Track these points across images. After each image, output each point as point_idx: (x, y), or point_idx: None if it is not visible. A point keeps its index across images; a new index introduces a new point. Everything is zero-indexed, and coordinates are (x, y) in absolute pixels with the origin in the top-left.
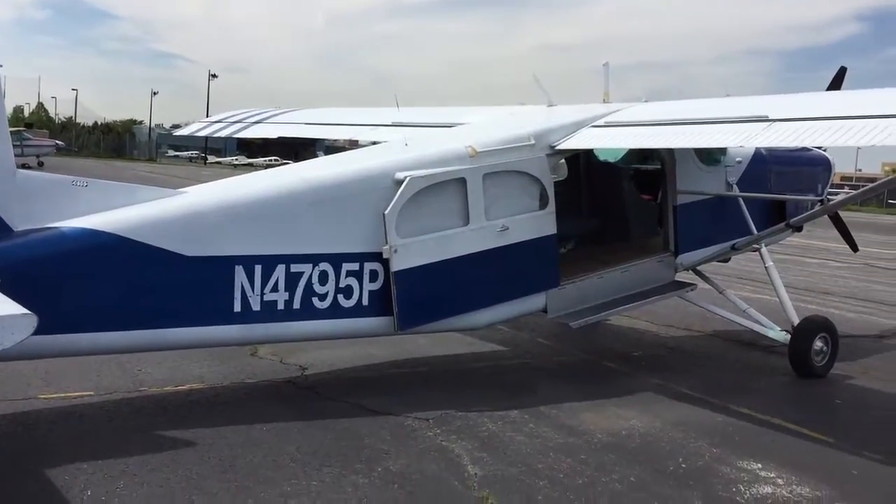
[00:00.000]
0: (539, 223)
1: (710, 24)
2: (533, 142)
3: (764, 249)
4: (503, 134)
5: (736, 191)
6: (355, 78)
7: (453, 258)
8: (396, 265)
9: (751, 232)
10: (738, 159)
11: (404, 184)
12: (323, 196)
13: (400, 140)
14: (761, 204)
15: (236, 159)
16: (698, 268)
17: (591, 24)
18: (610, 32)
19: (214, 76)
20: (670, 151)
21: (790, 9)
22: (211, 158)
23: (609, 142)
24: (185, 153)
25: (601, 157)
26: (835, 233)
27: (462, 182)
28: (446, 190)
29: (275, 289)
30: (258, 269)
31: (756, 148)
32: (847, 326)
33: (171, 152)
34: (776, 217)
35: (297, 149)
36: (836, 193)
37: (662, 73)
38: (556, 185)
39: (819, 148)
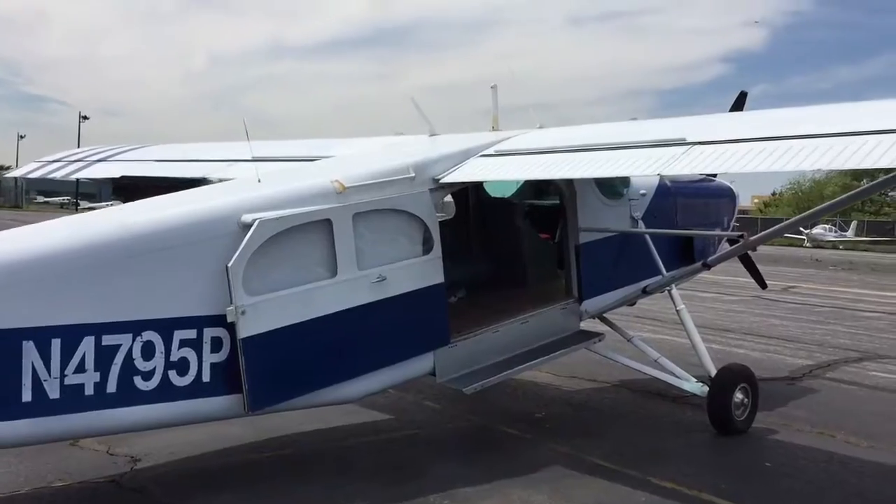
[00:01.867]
0: (423, 271)
1: (590, 66)
2: (413, 174)
3: (675, 291)
4: (377, 166)
5: (642, 226)
6: (239, 119)
7: (318, 318)
8: (245, 330)
9: (659, 272)
10: (641, 191)
11: (253, 228)
12: (147, 246)
13: (252, 176)
14: (668, 241)
15: (66, 199)
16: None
17: (477, 64)
18: (495, 72)
19: (85, 118)
20: (570, 184)
21: (663, 52)
22: (84, 203)
23: (500, 173)
24: (56, 199)
25: (492, 192)
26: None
27: (327, 224)
28: (307, 234)
29: (80, 369)
30: (56, 343)
31: (659, 178)
32: (756, 368)
33: (41, 198)
34: (684, 254)
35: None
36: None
37: (545, 114)
38: (443, 225)
39: (713, 176)
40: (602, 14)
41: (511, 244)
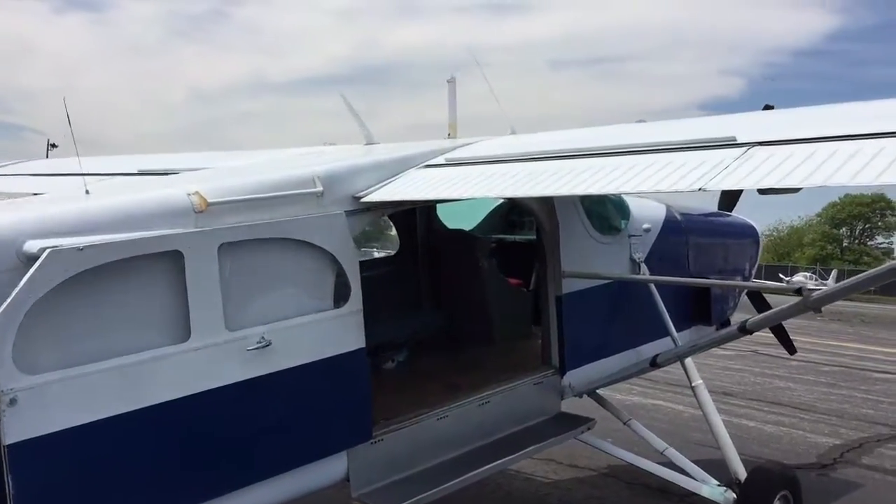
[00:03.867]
0: (332, 331)
1: (569, 107)
2: (320, 189)
3: (689, 360)
4: (265, 176)
5: (645, 272)
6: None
7: (152, 408)
8: (14, 431)
9: (669, 334)
10: (645, 226)
11: (40, 261)
12: None
13: (77, 186)
14: (676, 294)
15: None
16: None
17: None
18: (479, 112)
19: (54, 146)
20: (551, 212)
21: (642, 96)
22: None
23: (449, 189)
24: None
25: (448, 223)
26: None
27: (174, 258)
28: (139, 274)
29: None
30: None
31: (667, 211)
32: (775, 450)
33: None
34: (697, 312)
35: None
36: None
37: None
38: (380, 264)
39: (728, 211)
40: (584, 59)
41: (471, 291)
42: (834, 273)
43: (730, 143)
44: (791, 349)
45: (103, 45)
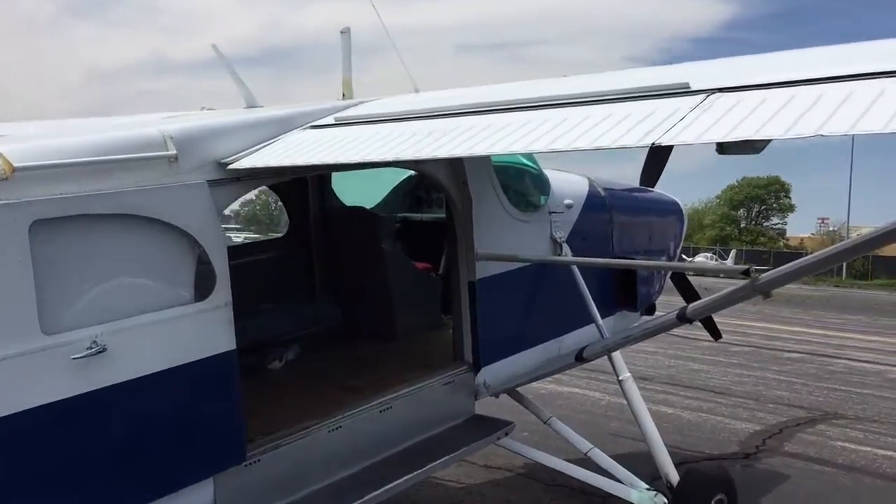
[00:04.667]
0: (192, 331)
1: None
2: (173, 152)
3: (617, 353)
4: (98, 136)
5: (567, 253)
6: None
7: None
8: None
9: (591, 321)
10: (566, 202)
11: None
12: None
13: None
14: (598, 277)
15: None
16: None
17: (365, 88)
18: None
19: None
20: (462, 185)
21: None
22: None
23: (335, 152)
24: None
25: (345, 199)
26: None
27: None
28: None
29: None
30: None
31: (589, 185)
32: (697, 439)
33: None
34: (620, 296)
35: None
36: None
37: None
38: (266, 246)
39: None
40: (491, 44)
41: (372, 278)
42: (733, 253)
43: (683, 91)
44: (717, 334)
45: None
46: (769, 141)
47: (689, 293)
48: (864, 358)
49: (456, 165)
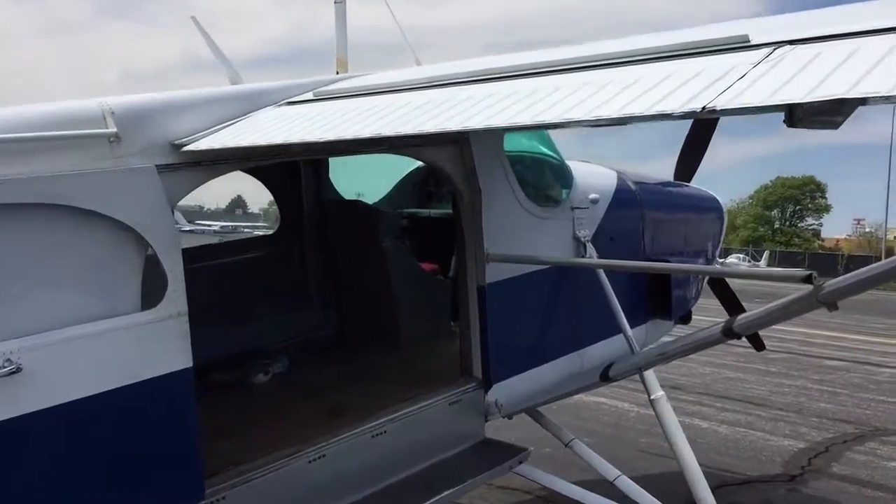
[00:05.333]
0: (137, 346)
1: None
2: (112, 130)
3: (649, 371)
4: (20, 111)
5: (592, 254)
6: None
7: None
8: None
9: (619, 331)
10: (592, 196)
11: None
12: None
13: None
14: (630, 280)
15: None
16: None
17: None
18: None
19: None
20: (471, 175)
21: None
22: None
23: (310, 129)
24: None
25: (345, 192)
26: None
27: None
28: None
29: None
30: None
31: (618, 177)
32: (736, 458)
33: None
34: (653, 302)
35: None
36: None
37: None
38: (258, 244)
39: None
40: (520, 42)
41: (373, 280)
42: (766, 254)
43: (742, 45)
44: (760, 346)
45: (27, 23)
46: (855, 108)
47: (731, 302)
48: None
49: (463, 152)
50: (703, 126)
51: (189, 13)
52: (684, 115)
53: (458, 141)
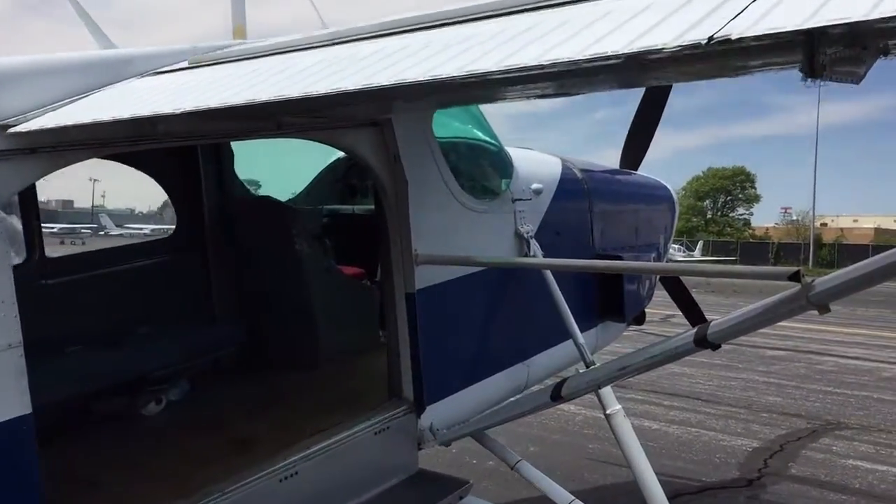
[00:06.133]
0: None
1: None
2: None
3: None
4: None
5: (537, 251)
6: None
7: None
8: None
9: (568, 337)
10: (535, 186)
11: None
12: None
13: None
14: (578, 278)
15: None
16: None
17: None
18: None
19: None
20: (393, 164)
21: None
22: None
23: (160, 102)
24: None
25: (252, 187)
26: None
27: None
28: None
29: None
30: None
31: (563, 165)
32: (689, 461)
33: None
34: (604, 302)
35: None
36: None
37: None
38: (148, 250)
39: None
40: None
41: (287, 288)
42: (700, 244)
43: None
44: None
45: None
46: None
47: (689, 305)
48: (851, 354)
49: (384, 136)
50: (650, 108)
51: (104, 10)
52: (681, 50)
53: (379, 123)
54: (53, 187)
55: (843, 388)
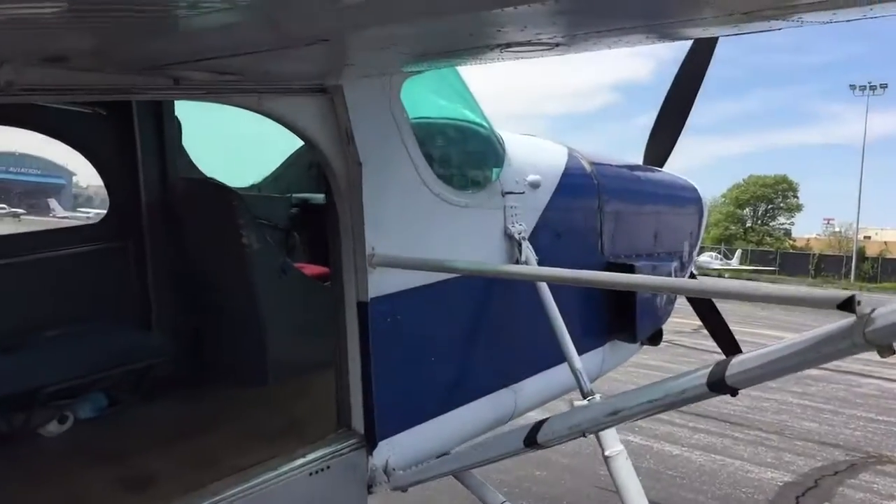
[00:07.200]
0: None
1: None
2: None
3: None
4: None
5: (529, 257)
6: None
7: None
8: None
9: (562, 360)
10: (531, 178)
11: None
12: None
13: None
14: (581, 288)
15: None
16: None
17: None
18: None
19: None
20: (345, 140)
21: (554, 80)
22: None
23: None
24: None
25: (211, 169)
26: None
27: None
28: None
29: None
30: None
31: (569, 155)
32: (709, 498)
33: None
34: (612, 318)
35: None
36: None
37: None
38: (71, 236)
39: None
40: None
41: (232, 288)
42: (738, 253)
43: None
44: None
45: None
46: None
47: (721, 333)
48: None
49: (335, 105)
50: (680, 96)
51: None
52: None
53: (327, 89)
54: None
55: (886, 416)
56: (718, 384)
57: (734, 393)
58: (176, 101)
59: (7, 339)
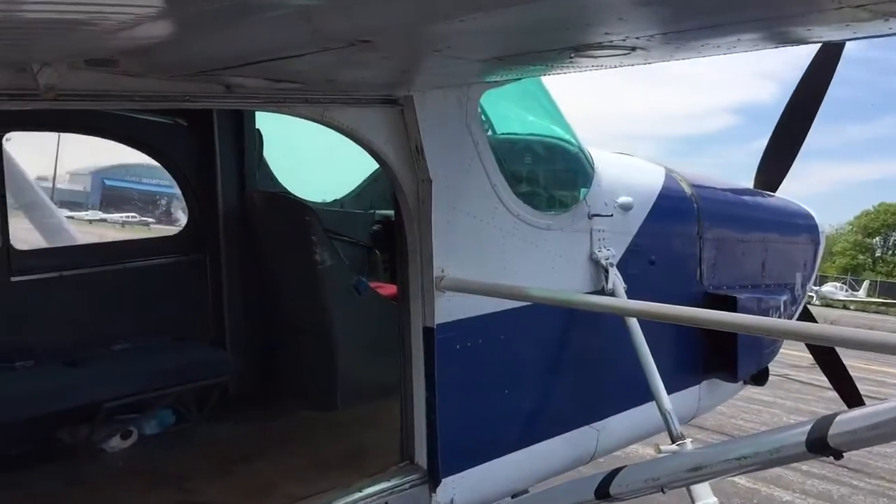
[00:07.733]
0: None
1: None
2: None
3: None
4: None
5: (617, 286)
6: None
7: None
8: None
9: (649, 398)
10: (622, 199)
11: None
12: None
13: None
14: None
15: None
16: None
17: None
18: None
19: None
20: (415, 155)
21: (674, 101)
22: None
23: None
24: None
25: (292, 185)
26: None
27: None
28: None
29: None
30: None
31: (667, 176)
32: None
33: None
34: (711, 355)
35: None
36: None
37: None
38: (147, 248)
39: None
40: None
41: (306, 308)
42: (866, 284)
43: None
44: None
45: None
46: None
47: (841, 377)
48: None
49: (405, 118)
50: (796, 117)
51: None
52: None
53: (398, 100)
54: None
55: None
56: (819, 444)
57: (838, 456)
58: (257, 114)
59: (75, 351)
